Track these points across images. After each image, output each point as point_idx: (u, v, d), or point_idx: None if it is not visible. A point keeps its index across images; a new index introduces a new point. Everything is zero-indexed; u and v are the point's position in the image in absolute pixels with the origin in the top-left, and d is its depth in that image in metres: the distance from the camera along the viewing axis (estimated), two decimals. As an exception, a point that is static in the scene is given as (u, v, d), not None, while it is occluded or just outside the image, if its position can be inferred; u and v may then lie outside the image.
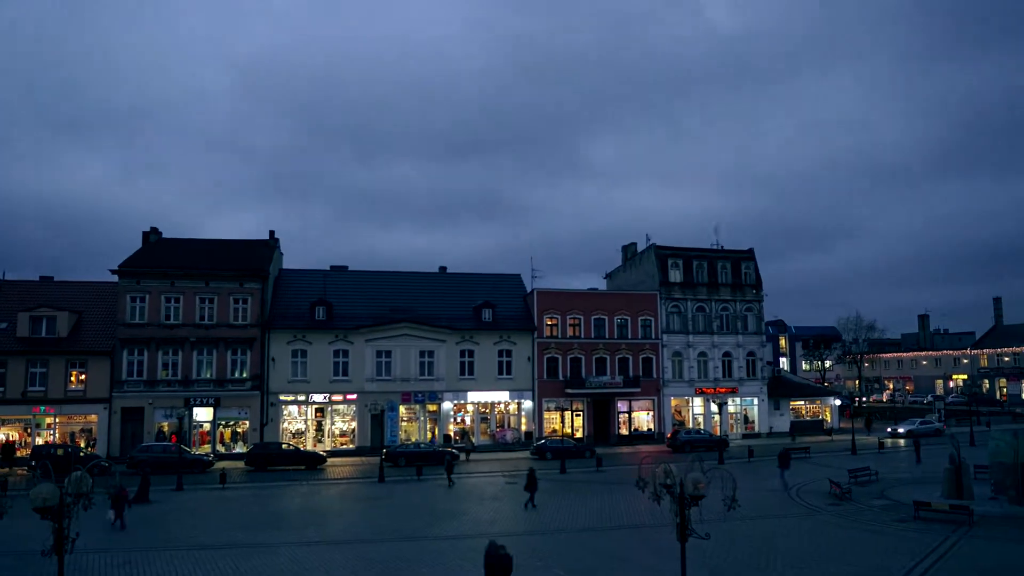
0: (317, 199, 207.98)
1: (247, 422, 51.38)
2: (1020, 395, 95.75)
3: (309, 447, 50.87)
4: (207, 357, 51.08)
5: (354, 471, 44.33)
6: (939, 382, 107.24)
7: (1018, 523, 26.90)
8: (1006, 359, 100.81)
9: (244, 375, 51.61)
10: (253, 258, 54.80)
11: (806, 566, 21.28)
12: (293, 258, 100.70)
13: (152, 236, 56.01)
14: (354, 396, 52.98)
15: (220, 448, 50.60)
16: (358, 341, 53.72)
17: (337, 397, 53.07)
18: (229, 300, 51.90)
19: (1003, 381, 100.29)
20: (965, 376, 76.31)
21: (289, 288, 56.40)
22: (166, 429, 48.91)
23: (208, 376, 50.90)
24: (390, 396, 53.31)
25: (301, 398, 52.52)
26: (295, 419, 52.88)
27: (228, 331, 51.52)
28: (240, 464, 45.98)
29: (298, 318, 53.58)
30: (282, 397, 52.04)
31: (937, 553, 22.15)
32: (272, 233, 58.69)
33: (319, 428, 53.22)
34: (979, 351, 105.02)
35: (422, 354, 54.98)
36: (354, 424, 53.39)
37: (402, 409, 54.03)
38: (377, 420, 53.17)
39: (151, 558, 22.65)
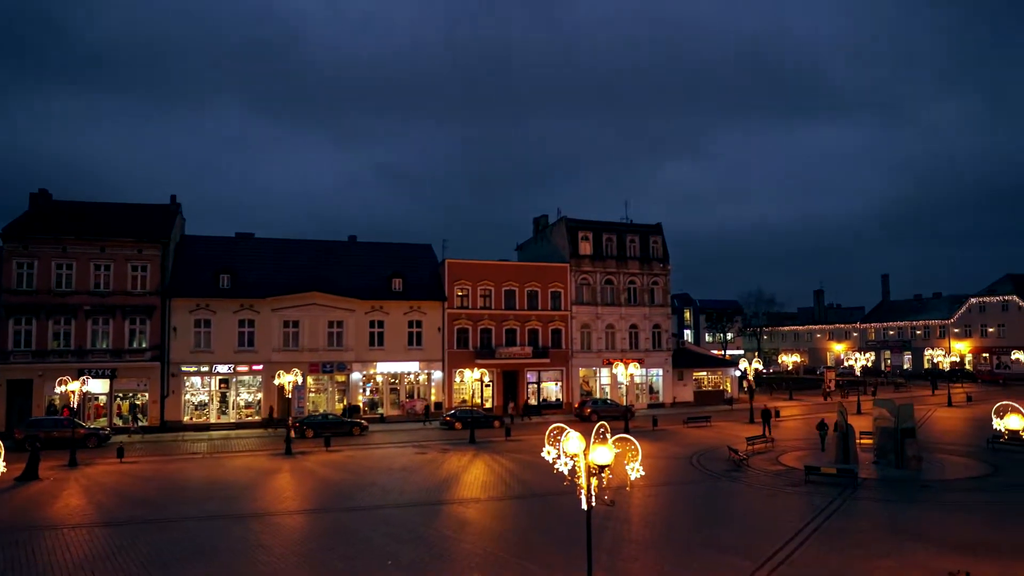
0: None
1: (147, 394, 49.50)
2: (902, 366, 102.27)
3: (213, 419, 49.65)
4: (103, 327, 48.80)
5: (260, 443, 43.50)
6: (829, 354, 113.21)
7: (897, 485, 28.84)
8: (891, 332, 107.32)
9: (143, 345, 49.58)
10: (153, 222, 52.44)
11: (707, 528, 22.22)
12: (197, 224, 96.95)
13: (41, 199, 52.77)
14: (260, 367, 51.72)
15: (117, 421, 48.62)
16: (264, 310, 52.35)
17: (242, 368, 51.68)
18: (127, 267, 49.60)
19: (887, 353, 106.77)
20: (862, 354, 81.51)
21: (192, 255, 54.27)
22: (57, 403, 46.56)
23: (104, 346, 48.66)
24: (297, 366, 52.33)
25: (204, 369, 50.89)
26: (198, 391, 51.28)
27: (126, 299, 49.30)
28: (139, 437, 44.40)
29: (201, 286, 51.69)
30: (184, 368, 50.30)
31: (825, 514, 23.53)
32: (174, 197, 56.29)
33: (223, 400, 51.80)
34: (867, 325, 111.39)
35: (331, 324, 54.09)
36: (260, 395, 52.21)
37: (310, 380, 53.15)
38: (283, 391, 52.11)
39: (40, 537, 21.63)
